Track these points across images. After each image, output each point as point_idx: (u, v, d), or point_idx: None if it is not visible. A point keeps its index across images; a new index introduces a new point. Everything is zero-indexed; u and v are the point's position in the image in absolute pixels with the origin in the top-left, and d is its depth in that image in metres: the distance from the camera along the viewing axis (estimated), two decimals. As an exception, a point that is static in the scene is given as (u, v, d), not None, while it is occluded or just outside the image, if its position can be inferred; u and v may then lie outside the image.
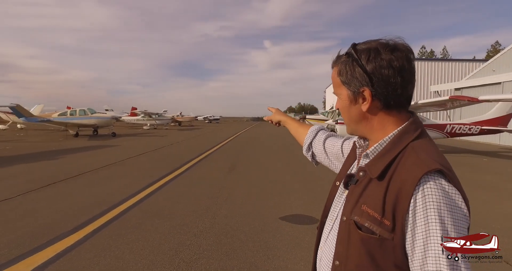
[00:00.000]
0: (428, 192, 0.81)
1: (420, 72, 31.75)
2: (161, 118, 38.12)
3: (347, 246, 0.92)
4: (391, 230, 0.84)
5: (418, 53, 68.71)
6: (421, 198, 0.81)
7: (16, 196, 6.05)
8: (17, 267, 3.31)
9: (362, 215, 0.89)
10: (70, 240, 3.98)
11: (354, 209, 0.92)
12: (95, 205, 5.52)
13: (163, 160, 11.40)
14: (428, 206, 0.80)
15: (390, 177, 0.88)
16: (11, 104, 20.38)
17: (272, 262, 3.53)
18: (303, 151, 1.50)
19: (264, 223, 4.78)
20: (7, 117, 29.04)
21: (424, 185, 0.82)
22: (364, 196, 0.92)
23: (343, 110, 1.03)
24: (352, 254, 0.90)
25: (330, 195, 1.12)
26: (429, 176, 0.82)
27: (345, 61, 0.97)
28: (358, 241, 0.89)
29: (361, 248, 0.88)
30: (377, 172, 0.90)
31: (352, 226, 0.91)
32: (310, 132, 1.48)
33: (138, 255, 3.61)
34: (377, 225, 0.85)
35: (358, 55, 0.93)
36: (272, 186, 7.31)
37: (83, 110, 22.94)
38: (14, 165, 9.93)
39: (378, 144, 0.95)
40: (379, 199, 0.87)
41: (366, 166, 0.96)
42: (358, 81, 0.94)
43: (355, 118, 1.00)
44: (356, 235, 0.90)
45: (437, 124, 13.88)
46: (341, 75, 0.98)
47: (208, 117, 75.73)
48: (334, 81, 1.03)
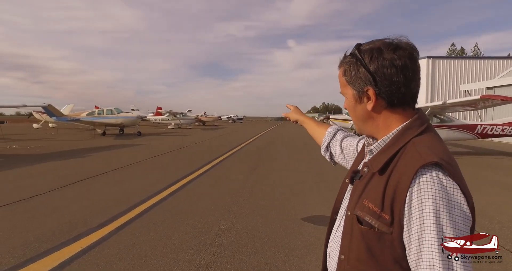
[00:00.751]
0: (424, 185, 0.80)
1: (448, 71, 30.68)
2: (185, 118, 38.73)
3: (350, 240, 0.94)
4: (389, 224, 0.84)
5: (447, 51, 66.33)
6: (416, 191, 0.81)
7: (45, 192, 6.28)
8: (46, 261, 3.42)
9: (363, 209, 0.90)
10: (95, 236, 4.08)
11: (357, 203, 0.94)
12: (119, 202, 5.64)
13: (186, 159, 11.54)
14: (424, 199, 0.79)
15: (391, 172, 0.88)
16: (44, 104, 21.25)
17: (293, 263, 3.48)
18: (321, 151, 1.52)
19: (285, 223, 4.73)
20: (40, 116, 30.40)
21: (420, 178, 0.81)
22: (366, 191, 0.93)
23: (350, 109, 1.04)
24: (353, 248, 0.92)
25: (340, 192, 1.14)
26: (425, 169, 0.82)
27: (350, 62, 0.99)
28: (359, 235, 0.91)
29: (361, 242, 0.90)
30: (378, 166, 0.92)
31: (354, 220, 0.93)
32: (329, 133, 1.50)
33: (160, 253, 3.65)
34: (376, 218, 0.86)
35: (362, 55, 0.95)
36: (294, 186, 7.24)
37: (110, 110, 23.63)
38: (45, 162, 10.34)
39: (382, 140, 0.97)
40: (379, 193, 0.87)
41: (369, 161, 0.98)
42: (362, 81, 0.95)
43: (361, 117, 1.01)
44: (357, 229, 0.91)
45: (466, 125, 13.34)
46: (346, 75, 1.00)
47: (231, 117, 76.33)
48: (340, 81, 1.05)
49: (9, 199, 5.78)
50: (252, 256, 3.63)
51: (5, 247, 3.77)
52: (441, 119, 13.15)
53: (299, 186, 7.34)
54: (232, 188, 6.94)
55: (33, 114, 32.87)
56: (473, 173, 9.10)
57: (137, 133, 23.75)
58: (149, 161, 10.84)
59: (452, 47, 66.42)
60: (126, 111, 27.30)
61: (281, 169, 9.66)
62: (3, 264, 3.34)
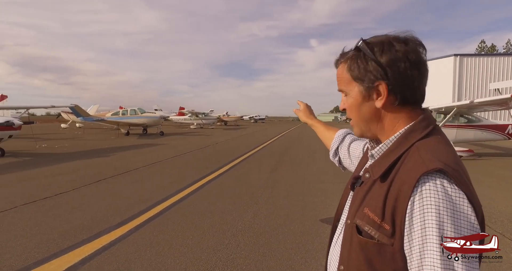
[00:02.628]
0: (426, 194, 0.73)
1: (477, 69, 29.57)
2: (207, 118, 39.08)
3: (349, 250, 0.88)
4: (390, 235, 0.77)
5: (476, 48, 63.94)
6: (418, 201, 0.74)
7: (70, 190, 6.49)
8: (68, 257, 3.52)
9: (363, 218, 0.84)
10: (115, 234, 4.16)
11: (358, 212, 0.87)
12: (140, 201, 5.75)
13: (207, 159, 11.64)
14: (426, 209, 0.72)
15: (392, 179, 0.81)
16: (71, 104, 21.98)
17: (310, 265, 3.43)
18: (330, 155, 1.46)
19: (304, 224, 4.68)
20: (68, 116, 31.52)
21: (423, 186, 0.74)
22: (367, 199, 0.87)
23: (352, 109, 0.95)
24: (353, 259, 0.86)
25: (342, 198, 1.08)
26: (428, 177, 0.74)
27: (356, 56, 0.90)
28: (358, 246, 0.84)
29: (360, 253, 0.84)
30: (379, 172, 0.86)
31: (354, 229, 0.86)
32: (337, 137, 1.44)
33: (177, 252, 3.69)
34: (376, 229, 0.80)
35: (370, 48, 0.87)
36: (314, 187, 7.16)
37: (133, 110, 24.17)
38: (71, 161, 10.69)
39: (384, 144, 0.91)
40: (379, 202, 0.81)
41: (370, 166, 0.91)
42: (373, 75, 0.87)
43: (366, 117, 0.93)
44: (356, 239, 0.85)
45: (496, 124, 12.78)
46: (352, 70, 0.91)
47: (253, 117, 76.43)
48: (342, 79, 0.96)
49: (36, 196, 6.01)
50: (269, 257, 3.60)
51: (31, 242, 3.91)
52: (468, 119, 12.66)
53: (320, 186, 7.25)
54: (252, 188, 6.93)
55: (61, 114, 34.12)
56: (503, 176, 8.71)
57: (160, 133, 24.18)
58: (170, 161, 11.01)
59: (482, 44, 63.90)
60: (149, 112, 27.85)
61: (302, 169, 9.57)
62: (28, 259, 3.47)
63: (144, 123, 23.88)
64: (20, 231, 4.27)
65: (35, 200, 5.73)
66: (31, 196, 6.03)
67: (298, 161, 11.52)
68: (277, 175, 8.67)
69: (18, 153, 12.73)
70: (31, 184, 7.08)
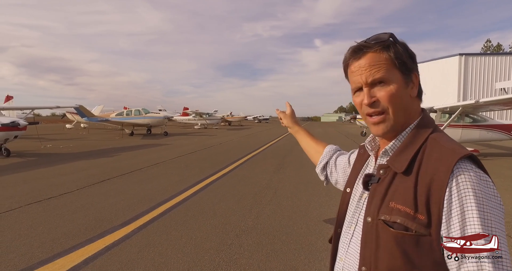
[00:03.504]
0: (462, 179, 0.76)
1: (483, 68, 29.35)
2: (211, 118, 39.17)
3: (375, 249, 0.85)
4: (426, 225, 0.78)
5: (482, 48, 63.51)
6: (455, 186, 0.76)
7: (74, 190, 6.51)
8: (71, 256, 3.53)
9: (392, 212, 0.83)
10: (118, 234, 4.17)
11: (381, 208, 0.86)
12: (143, 201, 5.76)
13: (211, 159, 11.64)
14: (464, 193, 0.75)
15: (417, 170, 0.83)
16: (75, 105, 22.10)
17: (313, 265, 3.41)
18: (317, 169, 1.44)
19: (308, 225, 4.66)
20: (73, 117, 31.71)
21: (458, 173, 0.77)
22: (390, 193, 0.86)
23: (393, 97, 0.89)
24: (382, 257, 0.83)
25: (342, 203, 1.07)
26: (461, 163, 0.78)
27: (393, 44, 0.91)
28: (390, 241, 0.82)
29: (394, 248, 0.81)
30: (403, 166, 0.86)
31: (381, 225, 0.85)
32: (328, 152, 1.43)
33: (180, 252, 3.68)
34: (411, 220, 0.79)
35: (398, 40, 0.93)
36: (318, 187, 7.13)
37: (138, 110, 24.27)
38: (75, 161, 10.74)
39: (396, 140, 0.93)
40: (409, 194, 0.81)
41: (388, 162, 0.91)
42: (411, 63, 0.92)
43: (405, 105, 0.92)
44: (387, 234, 0.83)
45: (502, 124, 12.67)
46: (398, 57, 0.89)
47: (257, 117, 76.40)
48: (381, 65, 0.89)
49: (41, 196, 6.04)
50: (272, 257, 3.59)
51: (36, 242, 3.93)
52: (473, 119, 12.56)
53: (323, 186, 7.21)
54: (255, 188, 6.92)
55: (66, 115, 34.34)
56: (510, 176, 8.62)
57: (164, 133, 24.25)
58: (174, 161, 11.02)
59: (488, 43, 63.44)
60: (154, 112, 27.92)
61: (306, 169, 9.54)
62: (32, 258, 3.48)
63: (148, 123, 23.96)
64: (24, 231, 4.29)
65: (40, 200, 5.76)
66: (36, 195, 6.06)
67: (302, 161, 11.48)
68: (281, 175, 8.65)
69: (24, 153, 12.82)
70: (36, 184, 7.11)
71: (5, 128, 11.46)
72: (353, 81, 0.95)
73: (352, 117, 25.76)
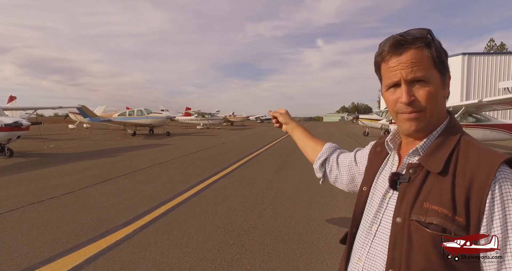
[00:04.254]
0: (505, 183, 0.75)
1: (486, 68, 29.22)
2: (213, 118, 39.16)
3: (407, 251, 0.82)
4: (465, 227, 0.76)
5: (485, 47, 63.19)
6: (498, 189, 0.75)
7: (76, 190, 6.52)
8: (73, 256, 3.53)
9: (427, 213, 0.80)
10: (120, 234, 4.17)
11: (413, 208, 0.83)
12: (146, 201, 5.76)
13: (213, 159, 11.64)
14: (507, 198, 0.74)
15: (454, 171, 0.81)
16: (78, 105, 22.17)
17: (315, 265, 3.40)
18: (315, 165, 1.41)
19: (309, 225, 4.64)
20: (75, 117, 31.81)
21: (500, 176, 0.76)
22: (424, 193, 0.84)
23: (432, 97, 0.88)
24: (415, 259, 0.80)
25: (359, 202, 1.04)
26: (503, 167, 0.77)
27: (433, 43, 0.89)
28: (426, 242, 0.79)
29: (431, 249, 0.79)
30: (439, 166, 0.84)
31: (414, 226, 0.82)
32: (327, 148, 1.40)
33: (182, 252, 3.68)
34: (450, 222, 0.77)
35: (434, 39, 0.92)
36: (320, 187, 7.10)
37: (140, 110, 24.31)
38: (78, 161, 10.77)
39: (428, 139, 0.91)
40: (446, 195, 0.79)
41: (421, 161, 0.88)
42: (447, 64, 0.92)
43: (440, 105, 0.91)
44: (422, 235, 0.80)
45: (506, 124, 12.60)
46: (438, 57, 0.88)
47: (260, 117, 76.38)
48: (422, 64, 0.87)
49: (43, 195, 6.06)
50: (274, 257, 3.58)
51: (37, 242, 3.93)
52: (476, 119, 12.51)
53: (326, 186, 7.19)
54: (257, 188, 6.91)
55: (69, 115, 34.45)
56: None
57: (166, 134, 24.27)
58: (176, 161, 11.03)
59: (491, 42, 63.11)
60: (156, 112, 27.98)
61: (308, 169, 9.51)
62: (34, 258, 3.48)
63: (151, 123, 23.99)
64: (26, 230, 4.30)
65: (42, 200, 5.77)
66: (38, 195, 6.07)
67: (304, 160, 11.45)
68: (283, 174, 8.64)
69: (26, 153, 12.87)
70: (39, 184, 7.13)
71: (8, 129, 11.50)
72: (389, 76, 0.91)
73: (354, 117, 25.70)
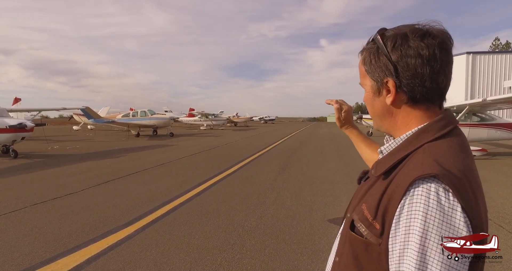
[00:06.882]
0: (416, 199, 0.68)
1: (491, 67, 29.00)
2: (217, 119, 39.22)
3: (344, 244, 0.87)
4: (379, 235, 0.74)
5: (490, 46, 62.76)
6: (407, 205, 0.70)
7: (79, 191, 6.55)
8: (74, 256, 3.54)
9: (359, 214, 0.82)
10: (121, 234, 4.17)
11: (357, 206, 0.85)
12: (148, 201, 5.77)
13: (216, 160, 11.65)
14: (413, 215, 0.68)
15: (392, 178, 0.78)
16: (82, 107, 22.30)
17: (316, 265, 3.38)
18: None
19: (311, 225, 4.62)
20: (80, 118, 32.00)
21: (415, 191, 0.69)
22: (367, 195, 0.84)
23: (367, 103, 0.93)
24: (345, 253, 0.85)
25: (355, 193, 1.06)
26: (422, 181, 0.70)
27: (370, 49, 0.87)
28: (348, 240, 0.84)
29: (349, 248, 0.83)
30: (381, 170, 0.83)
31: (347, 224, 0.86)
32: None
33: (183, 252, 3.67)
34: (367, 227, 0.78)
35: (384, 41, 0.82)
36: (323, 187, 7.08)
37: (144, 111, 24.40)
38: (82, 162, 10.82)
39: (394, 142, 0.87)
40: (375, 200, 0.78)
41: (375, 162, 0.88)
42: (382, 71, 0.83)
43: (378, 112, 0.90)
44: (348, 233, 0.85)
45: (510, 123, 12.50)
46: (365, 64, 0.89)
47: (263, 118, 76.40)
48: (360, 71, 0.93)
49: (47, 196, 6.09)
50: (275, 257, 3.56)
51: (40, 241, 3.95)
52: (481, 118, 12.41)
53: (329, 186, 7.17)
54: (259, 188, 6.90)
55: (73, 116, 34.67)
56: (517, 175, 8.49)
57: (170, 134, 24.32)
58: (179, 161, 11.05)
59: (496, 41, 62.63)
60: (160, 113, 28.06)
61: (311, 169, 9.50)
62: (36, 258, 3.50)
63: (154, 124, 24.08)
64: (29, 231, 4.32)
65: (45, 200, 5.80)
66: (41, 196, 6.10)
67: (307, 161, 11.44)
68: (285, 175, 8.61)
69: (31, 154, 12.95)
70: (43, 185, 7.17)
71: (13, 130, 11.59)
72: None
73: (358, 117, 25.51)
